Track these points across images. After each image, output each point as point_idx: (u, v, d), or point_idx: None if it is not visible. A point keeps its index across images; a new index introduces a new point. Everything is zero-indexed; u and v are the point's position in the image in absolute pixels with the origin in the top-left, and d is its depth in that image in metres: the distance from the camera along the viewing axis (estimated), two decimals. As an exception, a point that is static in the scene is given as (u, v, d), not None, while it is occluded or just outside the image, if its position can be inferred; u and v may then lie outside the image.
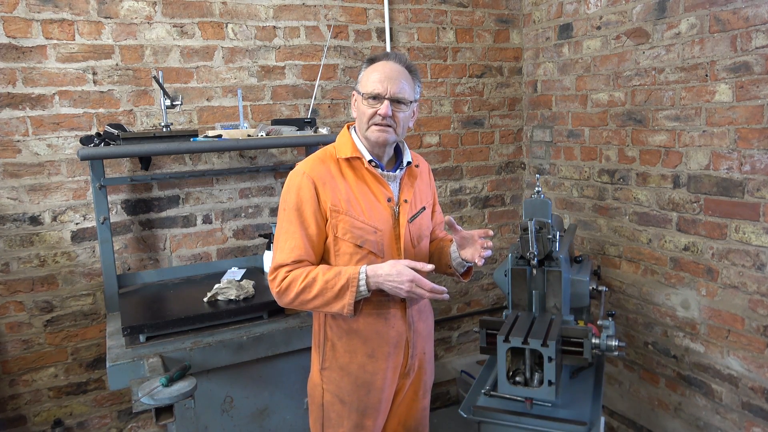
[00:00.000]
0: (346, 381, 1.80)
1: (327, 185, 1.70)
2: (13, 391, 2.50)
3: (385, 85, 1.65)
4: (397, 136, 1.72)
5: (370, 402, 1.81)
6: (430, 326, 1.95)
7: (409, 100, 1.70)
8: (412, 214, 1.80)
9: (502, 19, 3.36)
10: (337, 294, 1.63)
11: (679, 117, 2.53)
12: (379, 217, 1.73)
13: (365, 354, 1.78)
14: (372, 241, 1.72)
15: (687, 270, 2.57)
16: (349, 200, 1.70)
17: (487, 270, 3.54)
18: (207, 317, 2.17)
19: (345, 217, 1.69)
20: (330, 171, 1.72)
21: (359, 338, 1.78)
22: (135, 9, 2.52)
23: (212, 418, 2.17)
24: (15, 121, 2.38)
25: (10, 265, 2.44)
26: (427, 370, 1.95)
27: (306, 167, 1.73)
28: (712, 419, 2.52)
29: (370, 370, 1.79)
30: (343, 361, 1.80)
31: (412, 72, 1.73)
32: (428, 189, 1.91)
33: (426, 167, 1.94)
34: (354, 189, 1.72)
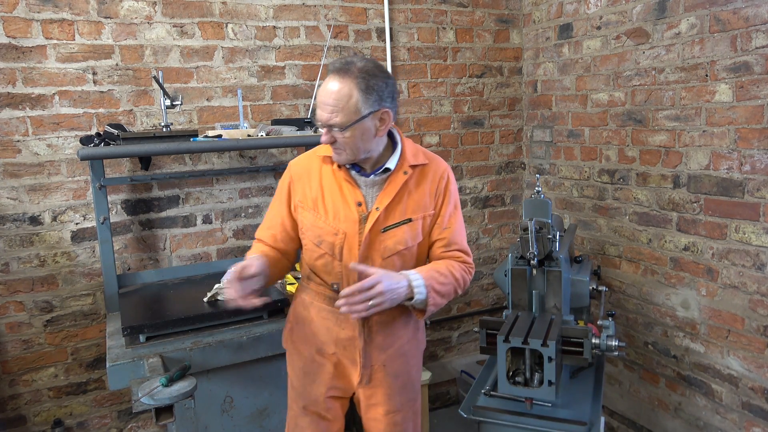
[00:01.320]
0: (297, 365, 1.85)
1: (302, 180, 1.73)
2: (13, 391, 2.50)
3: (320, 111, 1.55)
4: (351, 156, 1.60)
5: (312, 393, 1.82)
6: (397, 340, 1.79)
7: (346, 124, 1.53)
8: (387, 224, 1.66)
9: (502, 19, 3.35)
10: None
11: (679, 117, 2.53)
12: (344, 219, 1.66)
13: (314, 345, 1.80)
14: (329, 243, 1.68)
15: (687, 270, 2.57)
16: (317, 199, 1.69)
17: (487, 270, 3.54)
18: (207, 317, 2.17)
19: (307, 213, 1.71)
20: (309, 168, 1.74)
21: (310, 329, 1.80)
22: (135, 9, 2.52)
23: (212, 418, 2.17)
24: (15, 121, 2.38)
25: (10, 265, 2.44)
26: (393, 385, 1.80)
27: (293, 162, 1.81)
28: (712, 419, 2.52)
29: (318, 361, 1.81)
30: (296, 346, 1.85)
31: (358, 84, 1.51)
32: (429, 199, 1.72)
33: (438, 174, 1.74)
34: (325, 188, 1.70)
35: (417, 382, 1.91)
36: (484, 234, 3.50)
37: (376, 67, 1.57)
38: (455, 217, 1.79)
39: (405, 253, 1.71)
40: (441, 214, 1.75)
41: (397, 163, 1.69)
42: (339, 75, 1.53)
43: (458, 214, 1.81)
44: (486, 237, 3.51)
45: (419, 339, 1.91)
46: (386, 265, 1.68)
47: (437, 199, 1.74)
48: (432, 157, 1.78)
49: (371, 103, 1.54)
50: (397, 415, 1.83)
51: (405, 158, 1.70)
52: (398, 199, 1.68)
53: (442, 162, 1.80)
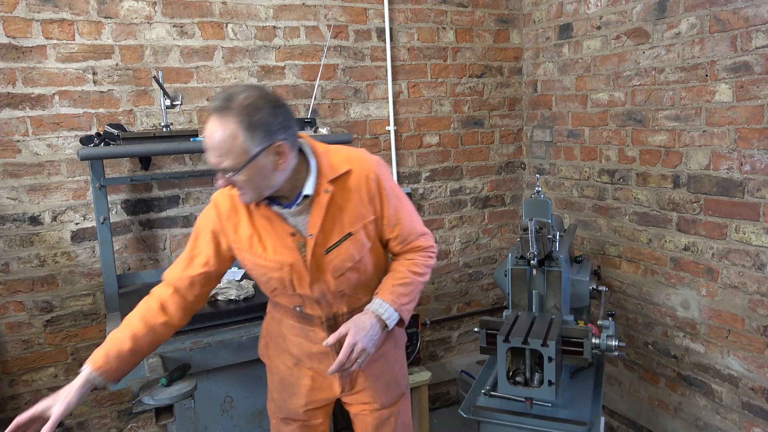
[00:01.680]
0: (275, 379, 1.85)
1: (231, 219, 1.62)
2: (13, 391, 2.50)
3: (208, 155, 1.42)
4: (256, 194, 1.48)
5: (293, 405, 1.81)
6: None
7: (236, 167, 1.40)
8: (328, 245, 1.59)
9: (502, 19, 3.35)
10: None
11: (679, 117, 2.53)
12: (283, 252, 1.59)
13: (292, 358, 1.78)
14: (277, 278, 1.62)
15: (687, 270, 2.57)
16: (252, 238, 1.60)
17: (487, 270, 3.54)
18: (207, 317, 2.17)
19: (246, 255, 1.62)
20: (236, 207, 1.61)
21: (284, 344, 1.79)
22: (135, 9, 2.52)
23: (212, 418, 2.17)
24: (15, 121, 2.38)
25: (10, 265, 2.44)
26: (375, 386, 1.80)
27: (219, 198, 1.65)
28: (712, 419, 2.52)
29: (296, 374, 1.79)
30: (273, 360, 1.84)
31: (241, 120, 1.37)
32: (364, 207, 1.61)
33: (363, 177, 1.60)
34: (257, 225, 1.60)
35: (401, 377, 1.89)
36: (484, 234, 3.50)
37: (260, 98, 1.40)
38: (401, 210, 1.68)
39: (357, 266, 1.65)
40: (385, 215, 1.65)
41: (316, 185, 1.55)
42: (219, 115, 1.38)
43: (403, 203, 1.70)
44: (486, 237, 3.51)
45: (396, 336, 1.87)
46: (341, 283, 1.64)
47: (373, 203, 1.63)
48: (355, 158, 1.62)
49: (259, 140, 1.39)
50: (384, 411, 1.83)
51: (323, 175, 1.56)
52: (330, 219, 1.58)
53: (367, 160, 1.63)
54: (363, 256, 1.65)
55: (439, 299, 3.43)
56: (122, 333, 1.60)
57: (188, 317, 1.71)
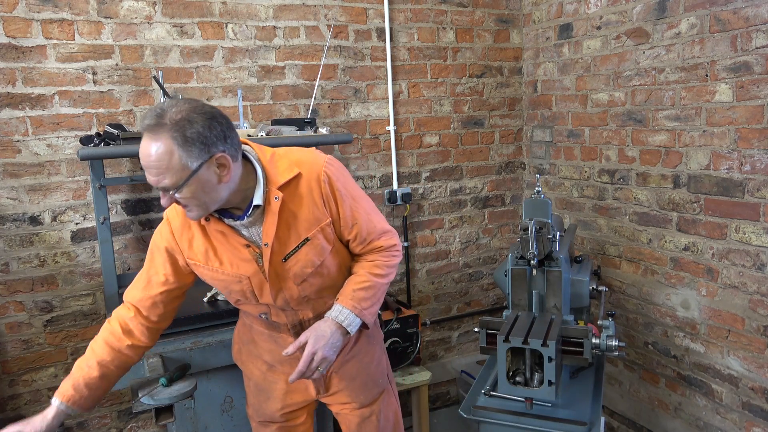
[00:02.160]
0: (250, 384, 1.86)
1: (184, 235, 1.57)
2: (13, 391, 2.50)
3: (147, 175, 1.38)
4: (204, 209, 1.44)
5: (269, 410, 1.82)
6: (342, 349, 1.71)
7: (177, 185, 1.36)
8: (286, 252, 1.56)
9: (502, 19, 3.35)
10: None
11: (679, 117, 2.53)
12: (241, 264, 1.56)
13: (264, 363, 1.80)
14: (238, 290, 1.60)
15: (687, 270, 2.57)
16: (207, 252, 1.56)
17: (487, 270, 3.54)
18: (207, 317, 2.17)
19: (203, 270, 1.60)
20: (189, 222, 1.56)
21: (256, 350, 1.80)
22: (135, 9, 2.52)
23: (212, 418, 2.17)
24: (15, 121, 2.38)
25: (10, 265, 2.44)
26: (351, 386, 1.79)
27: (171, 215, 1.60)
28: (712, 419, 2.52)
29: (269, 379, 1.80)
30: (247, 365, 1.85)
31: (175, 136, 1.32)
32: (318, 210, 1.56)
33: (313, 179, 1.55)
34: (212, 238, 1.56)
35: (379, 374, 1.86)
36: (484, 234, 3.50)
37: (193, 111, 1.35)
38: (358, 209, 1.62)
39: (319, 270, 1.62)
40: (341, 216, 1.60)
41: (264, 193, 1.50)
42: (151, 134, 1.33)
43: (360, 202, 1.63)
44: (486, 237, 3.51)
45: (370, 334, 1.83)
46: (304, 289, 1.62)
47: (328, 205, 1.58)
48: (304, 160, 1.56)
49: (197, 154, 1.34)
50: (365, 410, 1.83)
51: (271, 182, 1.51)
52: (285, 226, 1.54)
53: (316, 162, 1.57)
54: (324, 260, 1.61)
55: (439, 299, 3.43)
56: (88, 360, 1.59)
57: (155, 337, 1.68)
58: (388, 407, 1.89)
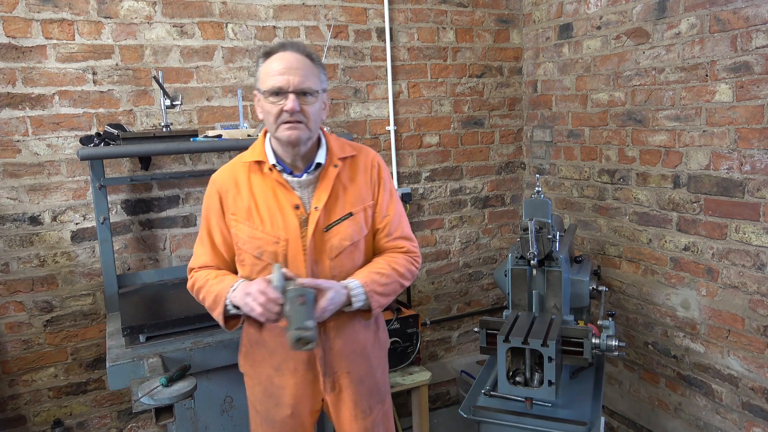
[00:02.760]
0: (257, 390, 1.78)
1: (230, 193, 1.64)
2: (13, 391, 2.50)
3: (287, 77, 1.50)
4: (310, 132, 1.56)
5: (279, 415, 1.75)
6: (358, 344, 1.75)
7: (317, 90, 1.54)
8: (329, 222, 1.61)
9: (502, 19, 3.35)
10: (213, 302, 1.64)
11: (679, 117, 2.53)
12: (283, 226, 1.60)
13: (271, 366, 1.73)
14: (271, 252, 1.61)
15: (687, 270, 2.57)
16: (250, 209, 1.61)
17: (487, 270, 3.54)
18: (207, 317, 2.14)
19: (242, 226, 1.62)
20: (236, 178, 1.64)
21: (266, 349, 1.73)
22: (135, 9, 2.52)
23: (212, 418, 2.17)
24: (15, 121, 2.38)
25: (10, 265, 2.44)
26: (359, 390, 1.76)
27: (216, 175, 1.70)
28: (712, 419, 2.52)
29: (277, 383, 1.73)
30: (253, 370, 1.79)
31: (313, 60, 1.57)
32: (365, 190, 1.68)
33: (369, 163, 1.70)
34: (257, 196, 1.62)
35: (383, 383, 1.86)
36: (484, 234, 3.50)
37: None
38: (392, 205, 1.73)
39: (352, 249, 1.66)
40: (379, 202, 1.70)
41: (326, 158, 1.64)
42: (294, 50, 1.54)
43: (395, 201, 1.75)
44: (486, 237, 3.51)
45: (381, 339, 1.86)
46: (335, 266, 1.64)
47: (373, 188, 1.70)
48: (359, 147, 1.74)
49: (323, 81, 1.59)
50: (366, 420, 1.78)
51: (332, 152, 1.66)
52: (335, 195, 1.64)
53: (370, 151, 1.75)
54: (359, 241, 1.67)
55: (439, 299, 3.43)
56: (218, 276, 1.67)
57: None
58: (387, 421, 1.87)
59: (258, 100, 1.59)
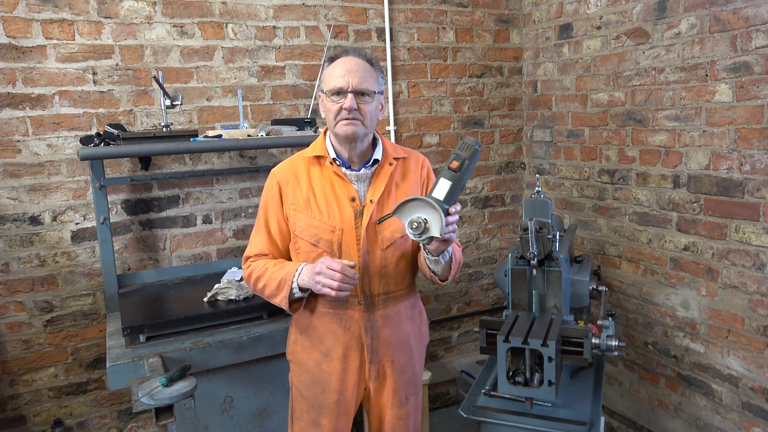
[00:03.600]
0: (304, 376, 1.84)
1: (290, 185, 1.75)
2: (13, 391, 2.50)
3: (347, 78, 1.64)
4: (366, 128, 1.68)
5: (325, 401, 1.81)
6: (403, 335, 1.84)
7: (374, 91, 1.68)
8: (382, 215, 1.69)
9: (502, 19, 3.35)
10: (276, 287, 1.71)
11: (679, 117, 2.53)
12: (339, 216, 1.70)
13: (320, 352, 1.79)
14: (327, 240, 1.71)
15: (687, 270, 2.57)
16: (309, 199, 1.72)
17: (487, 270, 3.54)
18: (207, 317, 2.17)
19: (301, 215, 1.72)
20: (295, 171, 1.76)
21: (315, 336, 1.79)
22: (135, 9, 2.52)
23: (212, 418, 2.17)
24: (15, 121, 2.38)
25: (10, 265, 2.44)
26: (400, 380, 1.84)
27: (276, 168, 1.80)
28: (712, 419, 2.52)
29: (325, 369, 1.79)
30: (301, 357, 1.84)
31: (373, 65, 1.72)
32: (416, 188, 1.80)
33: (419, 164, 1.84)
34: (316, 187, 1.73)
35: (420, 377, 1.94)
36: (484, 234, 3.50)
37: None
38: None
39: (402, 242, 1.76)
40: None
41: (382, 156, 1.77)
42: (356, 54, 1.69)
43: None
44: (486, 237, 3.51)
45: (423, 333, 1.94)
46: (385, 257, 1.75)
47: (422, 185, 1.82)
48: (410, 151, 1.87)
49: (381, 83, 1.74)
50: (401, 410, 1.86)
51: (387, 152, 1.79)
52: (388, 191, 1.75)
53: (420, 155, 1.89)
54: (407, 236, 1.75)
55: (439, 299, 3.43)
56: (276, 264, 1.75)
57: None
58: (417, 413, 1.95)
59: (321, 100, 1.72)
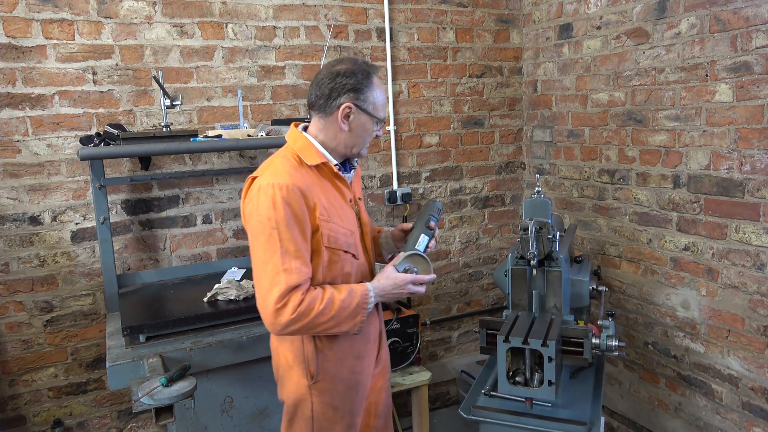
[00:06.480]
0: (339, 387, 1.78)
1: (312, 193, 1.62)
2: (13, 391, 2.50)
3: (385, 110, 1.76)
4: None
5: (358, 400, 1.83)
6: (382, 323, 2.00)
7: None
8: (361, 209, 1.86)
9: (502, 19, 3.35)
10: (350, 314, 1.64)
11: (679, 117, 2.53)
12: (349, 219, 1.74)
13: (353, 356, 1.78)
14: (352, 244, 1.74)
15: (687, 270, 2.57)
16: (330, 208, 1.67)
17: (487, 270, 3.54)
18: (207, 317, 2.17)
19: (331, 224, 1.66)
20: (309, 181, 1.64)
21: (347, 342, 1.76)
22: (135, 9, 2.52)
23: (212, 418, 2.17)
24: (15, 121, 2.38)
25: (10, 265, 2.44)
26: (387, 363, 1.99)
27: (285, 178, 1.59)
28: (712, 419, 2.52)
29: (358, 371, 1.80)
30: (334, 371, 1.77)
31: None
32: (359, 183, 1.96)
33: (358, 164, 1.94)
34: (329, 195, 1.69)
35: None
36: (484, 234, 3.50)
37: None
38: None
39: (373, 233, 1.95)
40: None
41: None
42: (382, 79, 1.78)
43: None
44: (486, 237, 3.51)
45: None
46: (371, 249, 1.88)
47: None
48: None
49: None
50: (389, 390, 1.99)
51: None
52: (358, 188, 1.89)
53: None
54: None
55: (439, 299, 3.43)
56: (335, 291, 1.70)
57: None
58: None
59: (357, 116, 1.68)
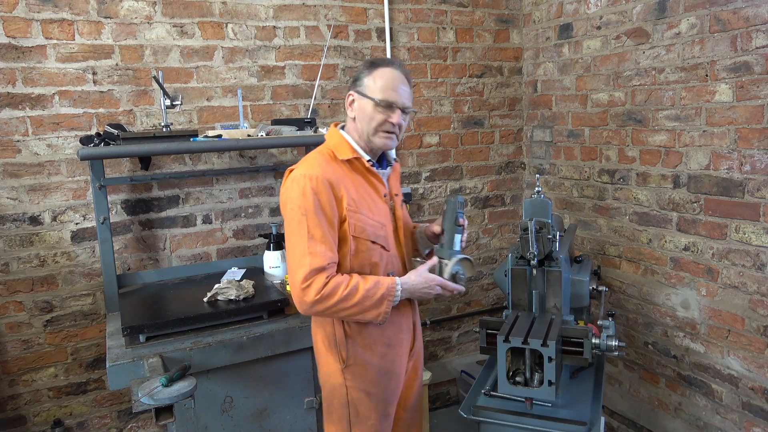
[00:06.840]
0: (371, 373, 1.84)
1: (341, 185, 1.72)
2: (13, 391, 2.50)
3: (399, 94, 1.74)
4: (398, 141, 1.82)
5: (391, 389, 1.88)
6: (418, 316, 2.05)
7: (412, 110, 1.82)
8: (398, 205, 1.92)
9: (502, 19, 3.35)
10: (375, 303, 1.71)
11: (679, 117, 2.53)
12: (381, 212, 1.82)
13: (383, 344, 1.84)
14: (382, 236, 1.80)
15: (687, 270, 2.57)
16: (359, 200, 1.76)
17: (487, 270, 3.54)
18: (207, 317, 2.17)
19: (359, 215, 1.75)
20: (339, 174, 1.74)
21: (377, 330, 1.83)
22: (135, 9, 2.52)
23: (212, 418, 2.17)
24: (15, 121, 2.38)
25: (10, 265, 2.44)
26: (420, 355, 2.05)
27: (316, 170, 1.70)
28: (712, 419, 2.52)
29: (390, 358, 1.86)
30: (365, 355, 1.83)
31: (410, 82, 1.82)
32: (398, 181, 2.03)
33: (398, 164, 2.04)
34: (359, 188, 1.78)
35: None
36: (484, 234, 3.50)
37: None
38: None
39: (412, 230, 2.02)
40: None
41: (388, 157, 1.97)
42: (401, 70, 1.78)
43: None
44: (486, 237, 3.51)
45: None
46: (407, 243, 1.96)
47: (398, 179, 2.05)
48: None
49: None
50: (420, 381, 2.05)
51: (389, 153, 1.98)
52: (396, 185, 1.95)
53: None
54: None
55: (439, 299, 3.43)
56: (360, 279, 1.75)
57: None
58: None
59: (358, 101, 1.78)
